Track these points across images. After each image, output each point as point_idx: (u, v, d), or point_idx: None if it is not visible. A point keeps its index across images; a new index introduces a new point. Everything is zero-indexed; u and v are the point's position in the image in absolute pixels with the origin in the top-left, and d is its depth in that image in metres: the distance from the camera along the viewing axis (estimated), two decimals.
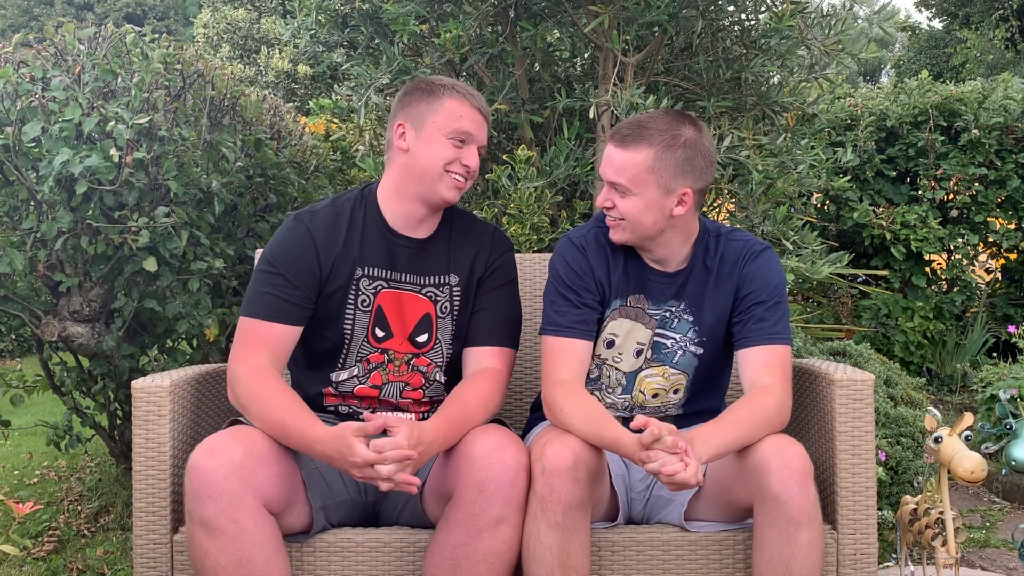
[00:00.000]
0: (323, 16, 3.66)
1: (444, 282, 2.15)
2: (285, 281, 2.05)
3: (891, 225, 5.21)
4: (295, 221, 2.11)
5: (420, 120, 2.09)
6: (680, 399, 2.17)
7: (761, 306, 2.06)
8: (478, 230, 2.22)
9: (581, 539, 1.87)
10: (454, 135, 2.07)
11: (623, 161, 2.00)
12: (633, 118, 2.06)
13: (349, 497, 2.07)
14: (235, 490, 1.81)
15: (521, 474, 1.85)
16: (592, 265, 2.11)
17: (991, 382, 3.83)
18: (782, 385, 2.01)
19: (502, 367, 2.13)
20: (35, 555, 3.00)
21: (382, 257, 2.11)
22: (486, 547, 1.83)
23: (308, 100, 8.13)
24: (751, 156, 3.26)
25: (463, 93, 2.10)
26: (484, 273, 2.17)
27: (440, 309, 2.15)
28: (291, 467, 1.95)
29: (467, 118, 2.09)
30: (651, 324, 2.12)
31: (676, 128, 2.01)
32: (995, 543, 3.17)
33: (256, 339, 2.03)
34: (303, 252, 2.07)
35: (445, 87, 2.11)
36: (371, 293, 2.11)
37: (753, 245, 2.12)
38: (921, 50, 14.59)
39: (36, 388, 3.30)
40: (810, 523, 1.83)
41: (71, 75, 2.81)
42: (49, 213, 2.74)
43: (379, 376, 2.13)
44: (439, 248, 2.16)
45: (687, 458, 1.77)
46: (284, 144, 3.49)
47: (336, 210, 2.13)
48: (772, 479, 1.83)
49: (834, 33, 3.40)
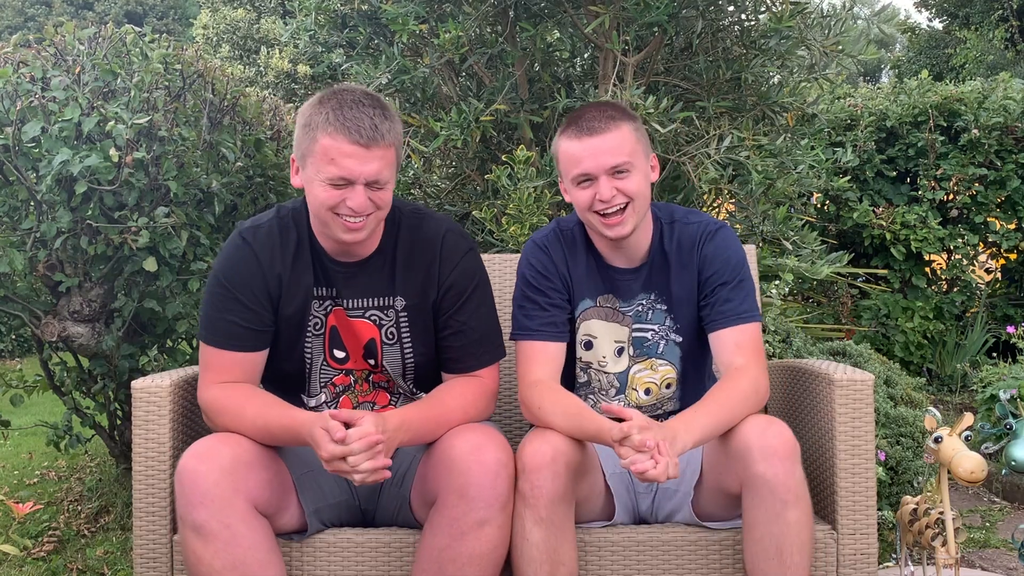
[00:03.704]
0: (323, 16, 3.66)
1: (389, 305, 2.03)
2: (241, 306, 1.96)
3: (891, 225, 5.21)
4: (239, 238, 2.00)
5: (303, 158, 1.91)
6: (674, 392, 2.17)
7: (725, 287, 2.07)
8: (425, 242, 2.03)
9: (567, 533, 1.88)
10: (329, 180, 1.86)
11: (615, 142, 2.00)
12: (578, 115, 2.05)
13: (343, 499, 2.07)
14: (226, 495, 1.79)
15: (501, 473, 1.83)
16: (556, 263, 2.12)
17: (991, 382, 3.83)
18: (755, 363, 2.02)
19: (487, 377, 2.07)
20: (35, 555, 3.00)
21: (326, 278, 2.01)
22: (470, 549, 1.82)
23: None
24: (751, 156, 3.26)
25: (336, 126, 1.84)
26: (439, 294, 2.03)
27: (386, 335, 2.04)
28: (281, 471, 1.94)
29: (340, 159, 1.84)
30: (627, 321, 2.14)
31: (616, 105, 2.12)
32: (995, 543, 3.17)
33: (222, 368, 1.98)
34: (251, 273, 1.97)
35: (321, 119, 1.86)
36: (322, 315, 2.03)
37: (708, 226, 2.13)
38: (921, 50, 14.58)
39: (36, 388, 3.30)
40: (798, 501, 1.83)
41: (71, 75, 2.81)
42: (49, 213, 2.74)
43: (348, 400, 2.09)
44: (382, 267, 2.02)
45: (657, 455, 1.76)
46: (284, 144, 3.49)
47: (282, 223, 2.01)
48: (755, 459, 1.84)
49: (834, 34, 3.40)
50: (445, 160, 3.95)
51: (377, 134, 1.86)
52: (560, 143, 2.07)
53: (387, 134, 1.88)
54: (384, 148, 1.88)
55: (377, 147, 1.86)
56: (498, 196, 3.34)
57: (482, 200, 3.50)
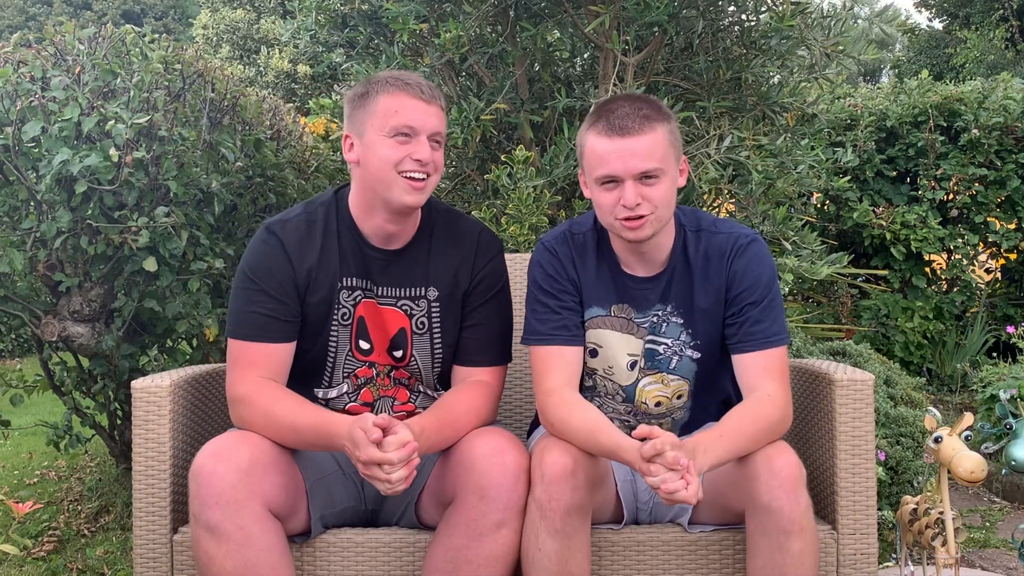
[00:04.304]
0: (323, 16, 3.66)
1: (421, 295, 2.05)
2: (267, 297, 1.97)
3: (891, 225, 5.21)
4: (266, 232, 2.02)
5: (361, 127, 1.95)
6: (685, 403, 2.11)
7: (755, 307, 1.98)
8: (461, 235, 2.08)
9: (581, 545, 1.86)
10: (393, 132, 1.91)
11: (648, 145, 1.88)
12: (610, 109, 1.92)
13: (350, 505, 2.07)
14: (241, 496, 1.78)
15: (521, 477, 1.84)
16: (565, 265, 2.05)
17: (991, 382, 3.83)
18: (784, 392, 1.96)
19: (493, 381, 2.07)
20: (35, 555, 3.00)
21: (359, 267, 2.02)
22: (487, 551, 1.82)
23: (308, 100, 8.13)
24: (751, 156, 3.26)
25: (396, 84, 1.94)
26: (470, 285, 2.06)
27: (416, 324, 2.05)
28: (296, 475, 1.94)
29: (404, 110, 1.92)
30: (641, 333, 2.05)
31: (654, 101, 1.96)
32: (995, 543, 3.17)
33: (250, 361, 1.97)
34: (277, 264, 1.98)
35: (377, 84, 1.95)
36: (351, 305, 2.03)
37: (739, 238, 2.02)
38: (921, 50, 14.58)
39: (36, 388, 3.29)
40: (802, 532, 1.80)
41: (71, 75, 2.81)
42: (49, 213, 2.74)
43: (369, 393, 2.09)
44: (417, 258, 2.05)
45: (688, 475, 1.71)
46: (284, 144, 3.49)
47: (310, 217, 2.03)
48: (761, 488, 1.81)
49: (834, 34, 3.41)
50: (445, 160, 3.94)
51: (434, 93, 1.97)
52: (587, 137, 1.94)
53: (440, 96, 1.99)
54: (439, 108, 1.97)
55: (435, 104, 1.96)
56: (498, 196, 3.34)
57: (482, 200, 3.51)
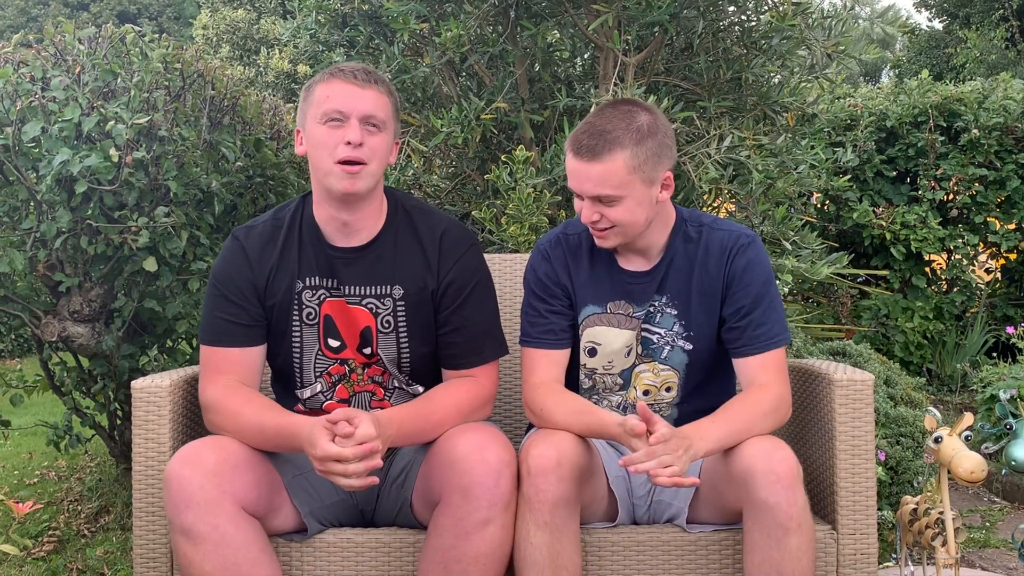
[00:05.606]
0: (323, 16, 3.66)
1: (386, 293, 2.03)
2: (228, 302, 2.01)
3: (891, 225, 5.21)
4: (232, 239, 2.06)
5: (303, 118, 1.98)
6: (673, 398, 2.13)
7: (756, 309, 2.02)
8: (426, 231, 2.05)
9: (571, 537, 1.87)
10: (325, 118, 1.92)
11: (601, 172, 1.92)
12: (586, 124, 1.96)
13: (339, 499, 2.07)
14: (211, 497, 1.80)
15: (504, 472, 1.82)
16: (557, 270, 2.10)
17: (991, 382, 3.83)
18: (780, 381, 2.00)
19: (483, 377, 2.06)
20: (35, 555, 3.00)
21: (322, 267, 2.03)
22: (475, 549, 1.82)
23: None
24: (751, 156, 3.26)
25: (331, 72, 1.95)
26: (439, 287, 2.04)
27: (381, 323, 2.03)
28: (270, 473, 1.94)
29: (335, 95, 1.92)
30: (634, 324, 2.09)
31: (634, 119, 1.94)
32: (995, 543, 3.17)
33: (217, 366, 2.01)
34: (237, 269, 2.02)
35: (318, 75, 1.98)
36: (315, 305, 2.03)
37: (740, 237, 2.06)
38: (921, 50, 14.57)
39: (36, 388, 3.30)
40: (799, 528, 1.81)
41: (71, 75, 2.81)
42: (49, 213, 2.74)
43: (344, 389, 2.09)
44: (382, 256, 2.03)
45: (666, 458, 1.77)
46: (284, 144, 3.49)
47: (276, 223, 2.06)
48: (759, 485, 1.81)
49: (835, 34, 3.41)
50: (445, 160, 3.95)
51: (370, 77, 1.94)
52: (566, 144, 2.01)
53: (380, 82, 1.96)
54: (377, 91, 1.95)
55: (370, 88, 1.94)
56: (498, 196, 3.34)
57: (482, 200, 3.51)
